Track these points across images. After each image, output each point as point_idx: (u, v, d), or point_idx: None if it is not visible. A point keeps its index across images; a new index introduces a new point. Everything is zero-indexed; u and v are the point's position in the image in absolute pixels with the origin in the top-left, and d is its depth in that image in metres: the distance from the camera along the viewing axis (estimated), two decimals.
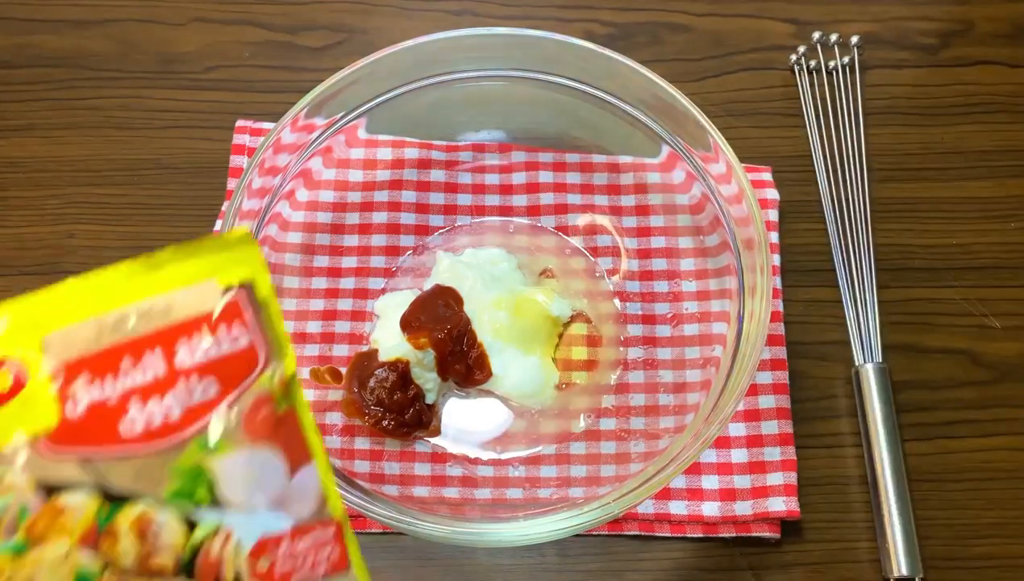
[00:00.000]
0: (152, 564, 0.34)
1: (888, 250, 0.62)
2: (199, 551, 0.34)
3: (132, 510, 0.34)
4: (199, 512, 0.34)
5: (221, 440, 0.34)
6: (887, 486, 0.54)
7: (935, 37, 0.70)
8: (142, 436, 0.33)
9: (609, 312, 0.59)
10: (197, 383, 0.34)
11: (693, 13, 0.70)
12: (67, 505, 0.34)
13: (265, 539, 0.34)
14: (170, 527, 0.34)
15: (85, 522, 0.34)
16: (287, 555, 0.34)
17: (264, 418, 0.34)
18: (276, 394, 0.35)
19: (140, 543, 0.34)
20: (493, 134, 0.63)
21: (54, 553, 0.33)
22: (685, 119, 0.54)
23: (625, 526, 0.54)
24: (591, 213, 0.62)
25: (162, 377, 0.34)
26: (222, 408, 0.34)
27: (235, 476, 0.34)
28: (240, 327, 0.34)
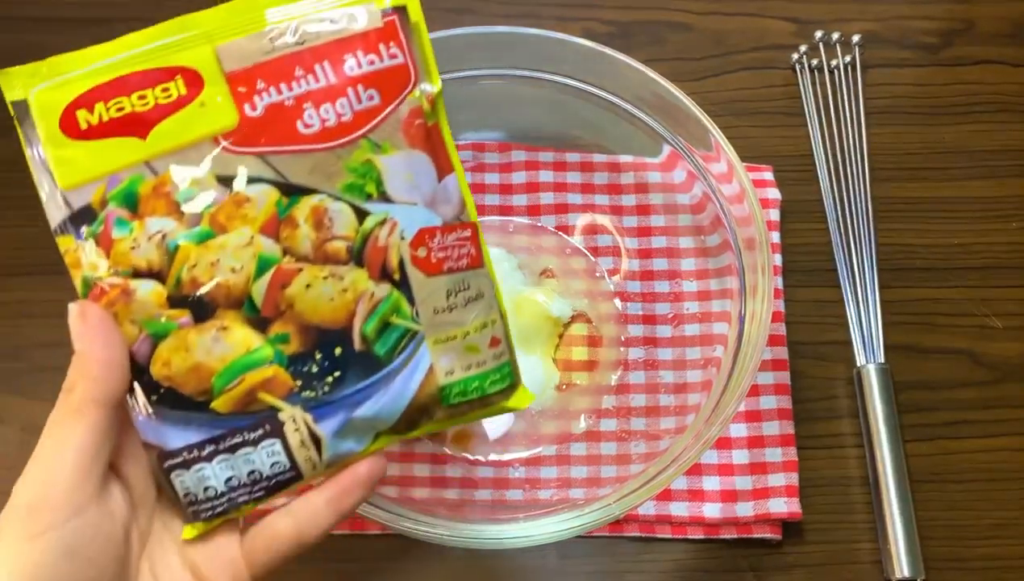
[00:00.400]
0: (327, 250, 0.37)
1: (889, 250, 0.62)
2: (368, 239, 0.37)
3: (309, 201, 0.37)
4: (369, 204, 0.38)
5: (386, 141, 0.38)
6: (889, 487, 0.54)
7: (937, 36, 0.69)
8: (318, 134, 0.37)
9: (610, 312, 0.59)
10: (363, 91, 0.37)
11: (694, 12, 0.70)
12: (249, 196, 0.37)
13: (423, 230, 0.38)
14: (344, 216, 0.37)
15: (266, 212, 0.37)
16: (439, 246, 0.38)
17: (417, 127, 0.38)
18: (426, 108, 0.38)
19: (316, 231, 0.37)
20: (493, 133, 0.63)
21: (237, 240, 0.37)
22: (686, 118, 0.54)
23: (626, 527, 0.54)
24: (591, 213, 0.62)
25: (333, 84, 0.37)
26: (385, 113, 0.38)
27: (398, 174, 0.38)
28: (396, 46, 0.38)
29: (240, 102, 0.37)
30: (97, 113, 0.36)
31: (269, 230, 0.37)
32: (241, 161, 0.37)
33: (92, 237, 0.37)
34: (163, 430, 0.36)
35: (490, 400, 0.40)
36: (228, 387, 0.36)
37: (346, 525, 0.54)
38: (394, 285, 0.37)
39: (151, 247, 0.36)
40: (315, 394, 0.37)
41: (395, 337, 0.38)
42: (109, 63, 0.37)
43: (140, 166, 0.36)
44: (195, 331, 0.36)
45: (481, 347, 0.39)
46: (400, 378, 0.38)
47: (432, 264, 0.38)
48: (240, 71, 0.37)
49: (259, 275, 0.37)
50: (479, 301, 0.39)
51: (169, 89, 0.37)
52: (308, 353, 0.37)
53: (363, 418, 0.37)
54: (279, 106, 0.37)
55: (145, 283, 0.36)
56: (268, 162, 0.37)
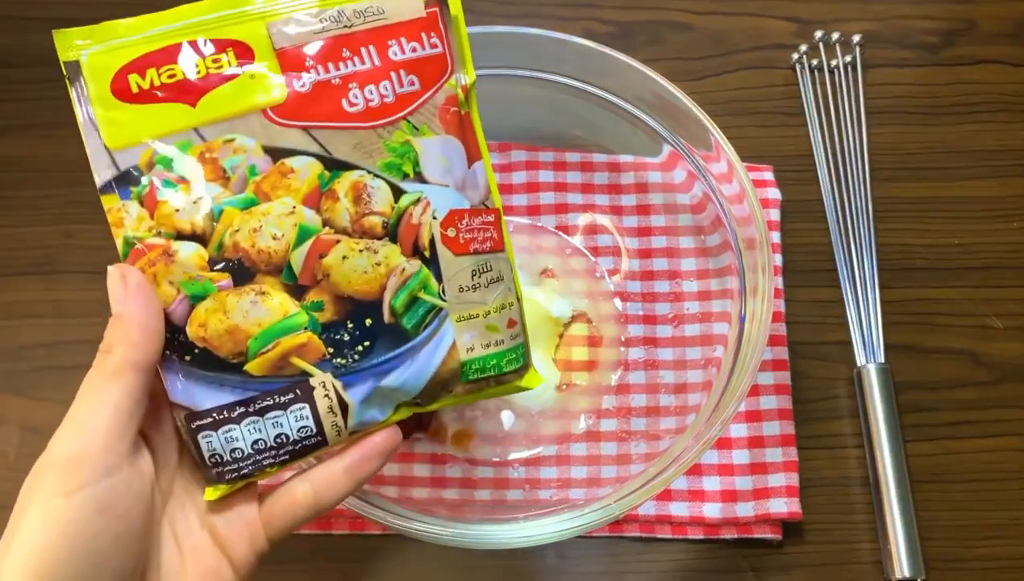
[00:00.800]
0: (364, 224, 0.39)
1: (890, 250, 0.61)
2: (403, 216, 0.39)
3: (349, 176, 0.39)
4: (405, 183, 0.39)
5: (424, 125, 0.40)
6: (889, 487, 0.53)
7: (937, 36, 0.69)
8: (362, 113, 0.39)
9: (610, 312, 0.59)
10: (405, 76, 0.39)
11: (694, 11, 0.70)
12: (293, 168, 0.39)
13: (453, 212, 0.40)
14: (381, 192, 0.39)
15: (309, 183, 0.39)
16: (467, 228, 0.40)
17: (452, 114, 0.40)
18: (460, 97, 0.41)
19: (355, 205, 0.39)
20: (493, 133, 0.63)
21: (280, 209, 0.38)
22: (686, 118, 0.54)
23: (626, 527, 0.54)
24: (592, 212, 0.61)
25: (377, 67, 0.39)
26: (424, 98, 0.40)
27: (433, 156, 0.40)
28: (436, 36, 0.40)
29: (289, 77, 0.38)
30: (149, 78, 0.38)
31: (311, 201, 0.39)
32: (287, 133, 0.38)
33: (137, 198, 0.38)
34: (194, 390, 0.37)
35: (505, 378, 0.41)
36: (263, 350, 0.37)
37: (346, 525, 0.54)
38: (424, 262, 0.39)
39: (196, 210, 0.38)
40: (345, 362, 0.38)
41: (422, 311, 0.39)
42: (163, 31, 0.38)
43: (188, 132, 0.38)
44: (234, 294, 0.37)
45: (500, 327, 0.41)
46: (425, 351, 0.39)
47: (460, 244, 0.40)
48: (290, 48, 0.39)
49: (299, 244, 0.38)
50: (500, 283, 0.41)
51: (220, 60, 0.38)
52: (341, 322, 0.38)
53: (389, 387, 0.39)
54: (326, 84, 0.39)
55: (187, 245, 0.38)
56: (313, 136, 0.39)
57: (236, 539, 0.38)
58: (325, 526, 0.54)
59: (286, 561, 0.53)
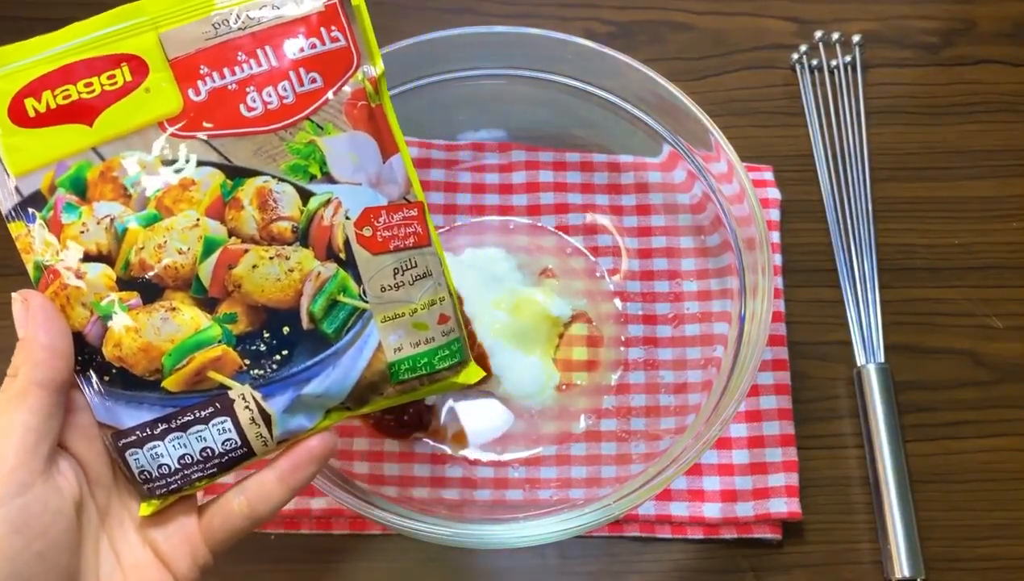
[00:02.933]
0: (272, 230, 0.38)
1: (890, 250, 0.61)
2: (313, 219, 0.38)
3: (253, 183, 0.38)
4: (313, 185, 0.39)
5: (329, 123, 0.39)
6: (889, 487, 0.53)
7: (937, 36, 0.69)
8: (261, 117, 0.38)
9: (610, 312, 0.59)
10: (305, 74, 0.38)
11: (694, 11, 0.70)
12: (195, 180, 0.38)
13: (368, 210, 0.39)
14: (288, 197, 0.38)
15: (211, 194, 0.38)
16: (385, 225, 0.39)
17: (361, 108, 0.39)
18: (369, 90, 0.39)
19: (261, 212, 0.38)
20: (493, 133, 0.63)
21: (184, 222, 0.38)
22: (686, 118, 0.54)
23: (626, 527, 0.54)
24: (591, 212, 0.61)
25: (275, 68, 0.38)
26: (328, 96, 0.39)
27: (341, 154, 0.39)
28: (337, 29, 0.39)
29: (184, 87, 0.38)
30: (44, 101, 0.37)
31: (215, 212, 0.38)
32: (186, 145, 0.38)
33: (43, 222, 0.37)
34: (116, 410, 0.37)
35: (439, 375, 0.41)
36: (178, 366, 0.37)
37: (346, 525, 0.54)
38: (340, 264, 0.38)
39: (100, 231, 0.37)
40: (264, 372, 0.38)
41: (343, 315, 0.38)
42: (56, 52, 0.38)
43: (87, 152, 0.37)
44: (144, 312, 0.37)
45: (429, 324, 0.40)
46: (348, 355, 0.39)
47: (378, 242, 0.39)
48: (183, 57, 0.38)
49: (206, 256, 0.38)
50: (427, 279, 0.40)
51: (115, 76, 0.38)
52: (256, 332, 0.38)
53: (312, 395, 0.38)
54: (222, 90, 0.38)
55: (95, 266, 0.37)
56: (213, 145, 0.38)
57: (178, 553, 0.38)
58: (325, 526, 0.54)
59: (286, 561, 0.53)
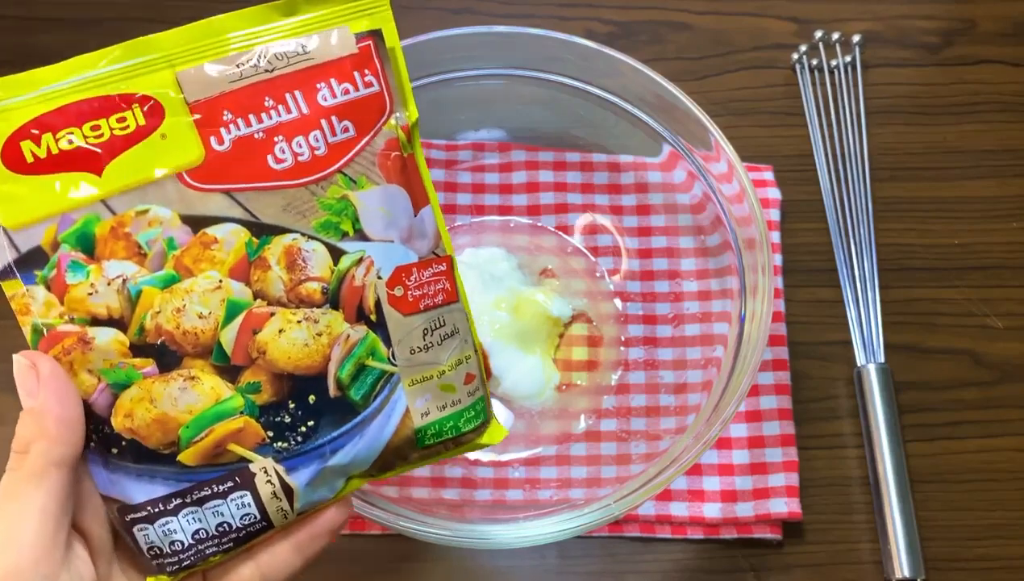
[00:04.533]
0: (301, 292, 0.36)
1: (890, 250, 0.61)
2: (344, 279, 0.36)
3: (281, 241, 0.36)
4: (344, 243, 0.36)
5: (362, 176, 0.36)
6: (889, 487, 0.53)
7: (937, 36, 0.69)
8: (291, 170, 0.35)
9: (610, 312, 0.59)
10: (338, 123, 0.35)
11: (694, 11, 0.70)
12: (217, 237, 0.35)
13: (399, 268, 0.36)
14: (318, 256, 0.36)
15: (236, 253, 0.35)
16: (416, 284, 0.37)
17: (394, 159, 0.36)
18: (402, 139, 0.37)
19: (289, 273, 0.35)
20: (493, 133, 0.63)
21: (205, 284, 0.35)
22: (686, 118, 0.54)
23: (626, 527, 0.54)
24: (591, 212, 0.61)
25: (305, 116, 0.35)
26: (361, 146, 0.36)
27: (374, 210, 0.36)
28: (371, 73, 0.36)
29: (206, 134, 0.34)
30: (45, 145, 0.33)
31: (239, 273, 0.35)
32: (207, 199, 0.35)
33: (43, 282, 0.34)
34: (125, 484, 0.34)
35: (464, 439, 0.39)
36: (196, 439, 0.34)
37: (347, 525, 0.54)
38: (370, 326, 0.36)
39: (110, 293, 0.34)
40: (288, 444, 0.35)
41: (371, 380, 0.36)
42: (58, 88, 0.34)
43: (96, 205, 0.34)
44: (160, 381, 0.34)
45: (456, 385, 0.38)
46: (376, 423, 0.36)
47: (409, 303, 0.36)
48: (205, 101, 0.34)
49: (228, 321, 0.35)
50: (454, 337, 0.38)
51: (126, 119, 0.34)
52: (281, 402, 0.35)
53: (338, 466, 0.36)
54: (248, 139, 0.35)
55: (104, 331, 0.34)
56: (237, 200, 0.35)
57: None
58: None
59: None
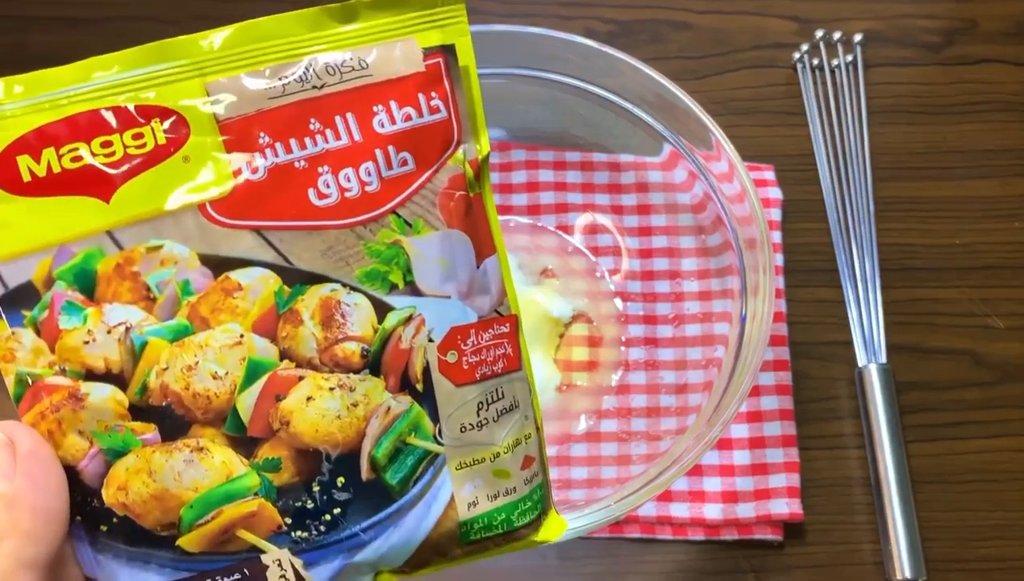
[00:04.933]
0: (337, 353, 0.30)
1: (891, 250, 0.61)
2: (389, 340, 0.30)
3: (317, 291, 0.30)
4: (392, 297, 0.30)
5: (419, 219, 0.30)
6: (890, 488, 0.53)
7: (939, 35, 0.69)
8: (336, 208, 0.30)
9: (610, 312, 0.59)
10: (395, 154, 0.30)
11: (695, 10, 0.70)
12: (241, 284, 0.30)
13: (455, 330, 0.31)
14: (360, 311, 0.30)
15: (262, 304, 0.30)
16: (473, 348, 0.31)
17: (458, 200, 0.31)
18: (469, 176, 0.31)
19: (325, 330, 0.30)
20: (493, 132, 0.63)
21: (223, 339, 0.30)
22: (687, 117, 0.54)
23: (626, 528, 0.53)
24: (592, 212, 0.61)
25: (357, 144, 0.30)
26: (420, 182, 0.30)
27: (430, 259, 0.31)
28: (439, 97, 0.31)
29: (237, 159, 0.29)
30: (45, 162, 0.28)
31: (264, 327, 0.30)
32: (233, 237, 0.29)
33: (32, 325, 0.29)
34: (114, 568, 0.29)
35: (517, 534, 0.33)
36: (200, 521, 0.29)
37: None
38: (416, 398, 0.31)
39: (110, 342, 0.29)
40: (308, 535, 0.30)
41: (411, 462, 0.31)
42: (65, 95, 0.29)
43: (100, 236, 0.29)
44: (162, 451, 0.29)
45: (512, 471, 0.32)
46: (414, 513, 0.31)
47: (463, 371, 0.31)
48: (238, 119, 0.29)
49: (248, 384, 0.30)
50: (513, 412, 0.32)
51: (143, 136, 0.29)
52: (303, 484, 0.30)
53: (365, 561, 0.31)
54: (287, 168, 0.29)
55: (100, 387, 0.29)
56: (268, 240, 0.30)
57: None
58: None
59: None
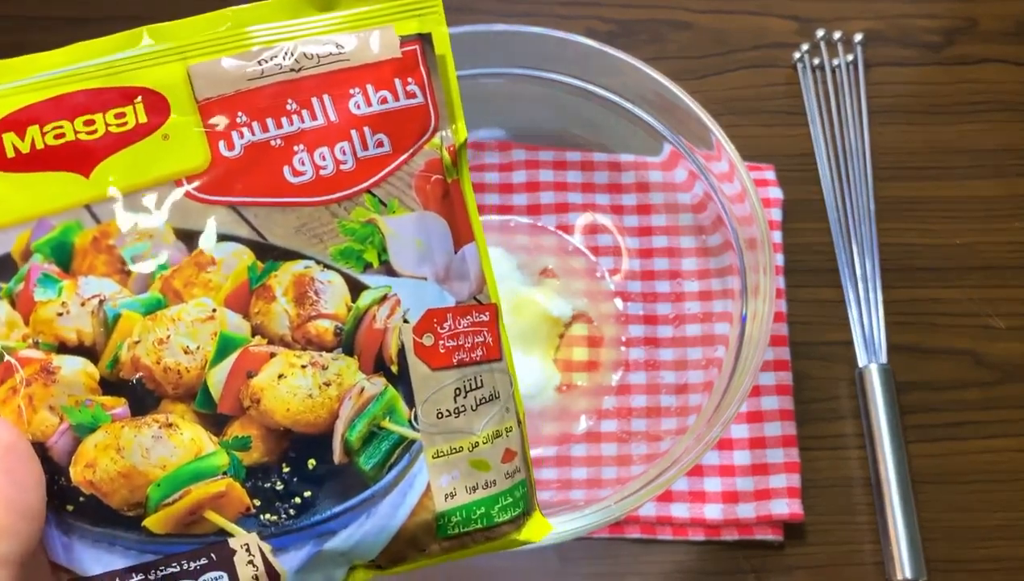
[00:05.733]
0: (310, 331, 0.30)
1: (892, 250, 0.61)
2: (363, 319, 0.30)
3: (290, 268, 0.30)
4: (367, 276, 0.31)
5: (394, 199, 0.31)
6: (891, 488, 0.53)
7: (939, 35, 0.69)
8: (311, 185, 0.30)
9: (610, 312, 0.58)
10: (371, 136, 0.31)
11: (695, 10, 0.70)
12: (215, 258, 0.30)
13: (431, 312, 0.31)
14: (334, 289, 0.30)
15: (235, 278, 0.30)
16: (450, 333, 0.31)
17: (434, 183, 0.31)
18: (446, 161, 0.32)
19: (298, 306, 0.30)
20: (493, 132, 0.63)
21: (195, 313, 0.30)
22: (687, 117, 0.54)
23: (626, 529, 0.53)
24: (592, 212, 0.61)
25: (333, 124, 0.30)
26: (396, 164, 0.31)
27: (406, 240, 0.31)
28: (415, 82, 0.31)
29: (214, 138, 0.30)
30: (29, 138, 0.29)
31: (237, 302, 0.30)
32: (209, 212, 0.30)
33: (7, 297, 0.30)
34: (79, 550, 0.29)
35: (497, 531, 0.32)
36: (167, 501, 0.29)
37: None
38: (390, 380, 0.30)
39: (84, 314, 0.30)
40: (278, 518, 0.30)
41: (386, 447, 0.30)
42: (50, 77, 0.30)
43: (79, 210, 0.29)
44: (132, 426, 0.29)
45: (492, 462, 0.32)
46: (388, 501, 0.30)
47: (440, 354, 0.31)
48: (217, 99, 0.30)
49: (219, 359, 0.30)
50: (493, 403, 0.32)
51: (125, 115, 0.30)
52: (273, 464, 0.30)
53: (336, 551, 0.30)
54: (263, 146, 0.30)
55: (72, 360, 0.29)
56: (243, 216, 0.30)
57: None
58: None
59: None
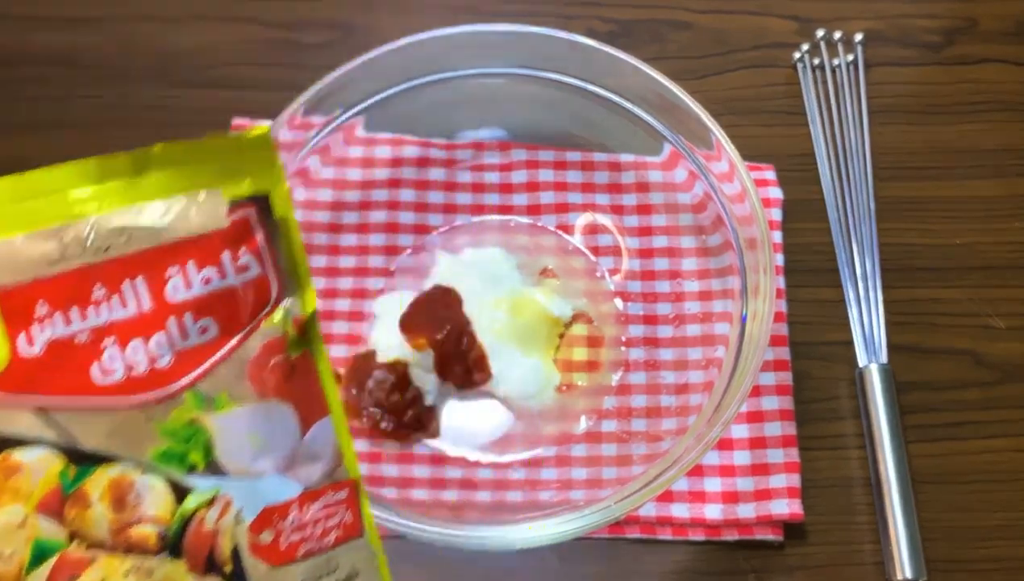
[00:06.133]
0: (131, 536, 0.29)
1: (892, 250, 0.61)
2: (190, 523, 0.29)
3: (106, 472, 0.28)
4: (192, 477, 0.28)
5: (222, 393, 0.28)
6: (891, 488, 0.53)
7: (939, 35, 0.69)
8: (121, 385, 0.27)
9: (610, 312, 0.58)
10: (192, 323, 0.28)
11: (695, 10, 0.70)
12: (22, 464, 0.28)
13: (270, 508, 0.29)
14: (155, 494, 0.28)
15: (46, 484, 0.28)
16: (295, 525, 0.29)
17: (275, 368, 0.29)
18: (290, 336, 0.29)
19: (116, 511, 0.28)
20: (493, 132, 0.63)
21: (6, 519, 0.28)
22: (687, 117, 0.54)
23: (626, 529, 0.53)
24: (592, 212, 0.61)
25: (148, 312, 0.27)
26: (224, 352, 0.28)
27: (237, 436, 0.29)
28: (250, 253, 0.28)
29: (13, 333, 0.27)
30: None
31: (50, 508, 0.28)
32: (11, 416, 0.27)
33: None
34: None
35: None
36: None
37: None
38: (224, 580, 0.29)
39: None
40: None
41: None
42: None
43: None
44: None
45: None
46: None
47: (281, 551, 0.29)
48: (14, 287, 0.27)
49: (35, 565, 0.28)
50: None
51: None
52: None
53: None
54: (67, 343, 0.27)
55: None
56: (50, 418, 0.27)
57: None
58: None
59: None
